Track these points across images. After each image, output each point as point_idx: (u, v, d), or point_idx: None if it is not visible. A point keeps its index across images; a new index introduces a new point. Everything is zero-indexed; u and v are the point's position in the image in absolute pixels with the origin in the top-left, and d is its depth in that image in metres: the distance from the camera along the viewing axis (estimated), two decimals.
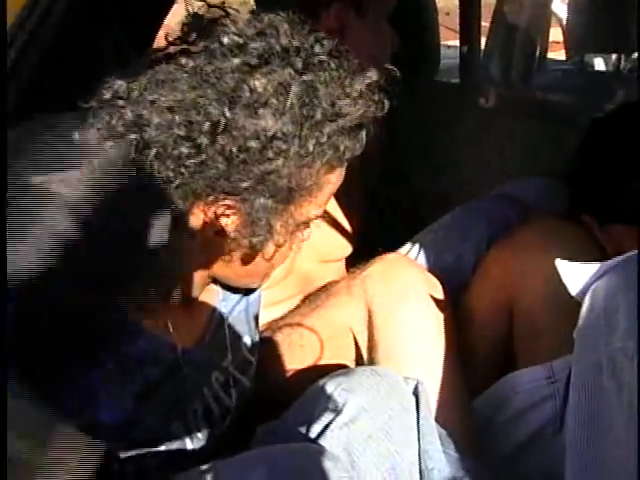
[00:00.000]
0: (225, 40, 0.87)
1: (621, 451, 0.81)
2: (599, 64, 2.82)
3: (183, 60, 0.87)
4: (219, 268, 0.99)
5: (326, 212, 1.39)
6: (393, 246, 1.41)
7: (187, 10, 0.95)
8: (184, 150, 0.85)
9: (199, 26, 0.91)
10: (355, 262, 1.33)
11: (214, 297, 1.08)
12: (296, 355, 1.22)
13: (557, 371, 1.14)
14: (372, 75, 0.92)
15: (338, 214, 1.43)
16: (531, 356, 1.22)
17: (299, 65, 0.87)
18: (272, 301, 1.27)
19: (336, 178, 0.96)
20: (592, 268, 0.93)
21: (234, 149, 0.85)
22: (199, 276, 1.01)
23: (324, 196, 0.96)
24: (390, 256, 1.27)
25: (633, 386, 0.79)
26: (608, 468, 0.83)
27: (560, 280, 0.98)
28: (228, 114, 0.84)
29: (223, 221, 0.91)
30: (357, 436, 0.99)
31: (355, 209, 1.46)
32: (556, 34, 3.02)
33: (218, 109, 0.85)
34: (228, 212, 0.90)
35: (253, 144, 0.85)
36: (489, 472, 1.11)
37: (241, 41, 0.87)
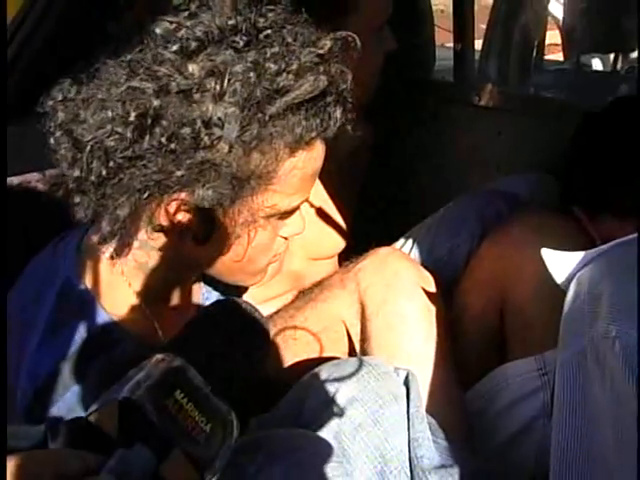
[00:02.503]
0: (157, 30, 0.84)
1: (605, 434, 0.82)
2: (596, 64, 2.83)
3: (125, 57, 0.84)
4: (208, 265, 0.97)
5: (316, 209, 1.40)
6: (386, 240, 1.41)
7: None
8: (112, 144, 0.82)
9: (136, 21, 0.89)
10: (348, 256, 1.33)
11: (198, 296, 1.08)
12: (290, 347, 1.23)
13: (548, 362, 1.15)
14: (325, 45, 0.86)
15: (328, 211, 1.43)
16: (523, 348, 1.24)
17: (240, 44, 0.83)
18: (264, 298, 1.28)
19: (304, 162, 0.90)
20: (577, 256, 0.93)
21: (163, 139, 0.82)
22: (182, 279, 1.02)
23: (294, 182, 0.91)
24: (383, 250, 1.27)
25: (615, 370, 0.80)
26: (591, 450, 0.84)
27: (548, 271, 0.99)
28: (156, 103, 0.81)
29: (180, 217, 0.88)
30: (347, 425, 1.00)
31: (345, 206, 1.46)
32: (554, 36, 3.03)
33: (146, 99, 0.81)
34: (182, 207, 0.87)
35: (185, 131, 0.81)
36: (480, 461, 1.11)
37: (172, 27, 0.84)
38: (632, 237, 0.92)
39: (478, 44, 2.15)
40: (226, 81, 0.81)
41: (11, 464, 0.54)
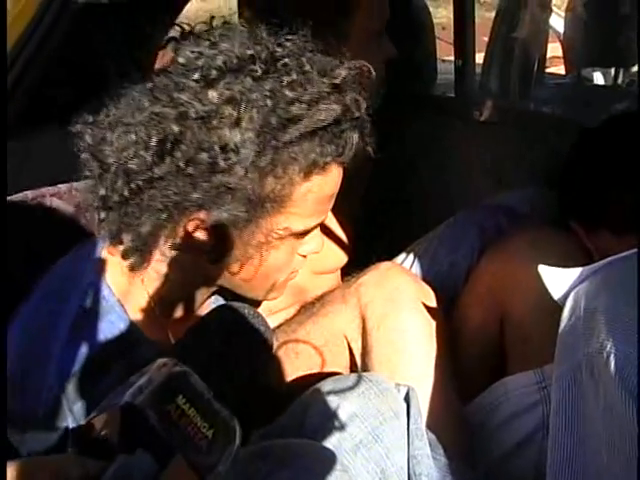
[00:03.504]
0: (180, 59, 0.88)
1: (598, 450, 0.83)
2: (598, 78, 2.84)
3: (148, 83, 0.89)
4: (225, 280, 1.00)
5: (319, 225, 1.41)
6: (387, 255, 1.43)
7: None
8: (133, 166, 0.86)
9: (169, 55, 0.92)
10: (350, 271, 1.34)
11: (208, 304, 1.10)
12: (292, 362, 1.23)
13: (547, 376, 1.15)
14: (339, 75, 0.90)
15: (331, 226, 1.44)
16: (522, 362, 1.24)
17: (258, 73, 0.86)
18: (267, 311, 1.29)
19: (318, 186, 0.93)
20: (574, 273, 0.95)
21: (181, 163, 0.85)
22: (199, 291, 1.03)
23: (309, 205, 0.94)
24: (384, 265, 1.28)
25: (609, 386, 0.81)
26: (586, 467, 0.85)
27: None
28: (176, 129, 0.85)
29: (198, 235, 0.92)
30: (349, 441, 1.01)
31: (347, 220, 1.47)
32: (556, 49, 3.05)
33: (166, 124, 0.85)
34: (201, 226, 0.91)
35: (203, 156, 0.85)
36: (479, 476, 1.12)
37: (194, 56, 0.88)
38: (627, 253, 0.93)
39: (479, 57, 2.17)
40: (243, 108, 0.85)
41: (11, 470, 0.55)
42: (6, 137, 0.97)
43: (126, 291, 0.99)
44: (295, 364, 1.24)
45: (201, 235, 0.92)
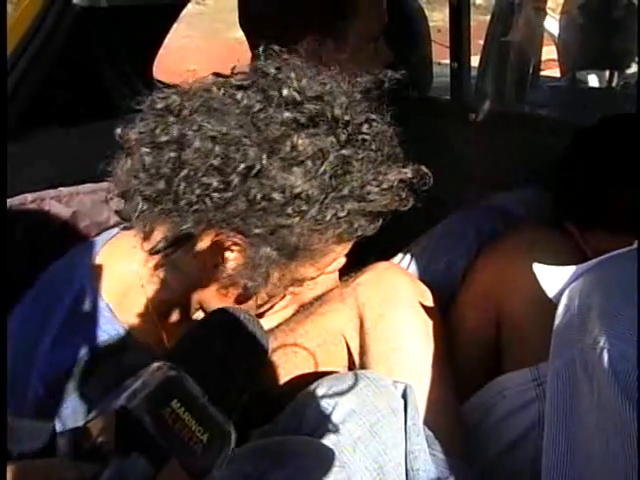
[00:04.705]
0: (285, 92, 0.90)
1: (592, 445, 0.84)
2: (592, 80, 2.85)
3: (239, 95, 0.90)
4: (213, 300, 1.02)
5: None
6: (384, 255, 1.44)
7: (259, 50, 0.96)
8: (214, 182, 0.87)
9: (265, 69, 0.93)
10: (347, 271, 1.36)
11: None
12: (291, 360, 1.25)
13: (543, 373, 1.16)
14: (407, 172, 0.94)
15: None
16: (518, 360, 1.25)
17: (343, 137, 0.90)
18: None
19: (341, 249, 0.99)
20: (568, 271, 0.96)
21: (259, 196, 0.87)
22: (194, 301, 1.05)
23: (325, 262, 1.00)
24: (381, 264, 1.29)
25: (602, 381, 0.82)
26: (581, 462, 0.86)
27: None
28: (265, 162, 0.87)
29: (226, 254, 0.94)
30: (347, 437, 1.02)
31: None
32: (551, 52, 3.06)
33: (257, 154, 0.87)
34: (234, 248, 0.93)
35: (277, 196, 0.87)
36: (475, 473, 1.13)
37: (299, 98, 0.89)
38: (621, 251, 0.94)
39: (475, 60, 2.18)
40: (323, 166, 0.88)
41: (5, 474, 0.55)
42: (6, 138, 0.98)
43: (123, 295, 1.00)
44: (294, 362, 1.25)
45: (229, 255, 0.94)
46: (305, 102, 0.89)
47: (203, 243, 0.94)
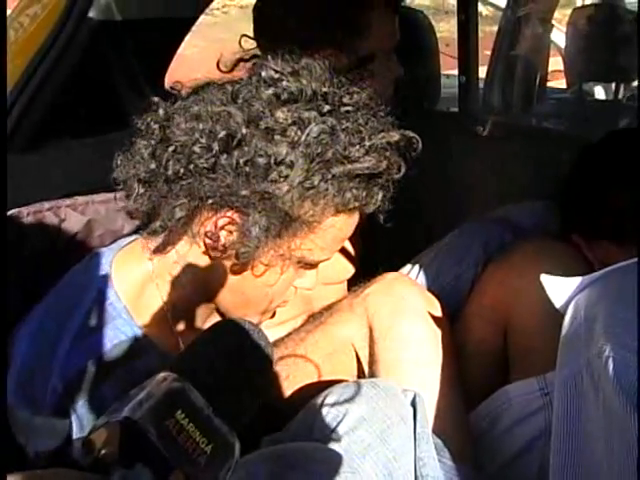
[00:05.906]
0: (263, 73, 0.96)
1: (599, 454, 0.86)
2: (599, 92, 2.87)
3: (227, 86, 0.97)
4: (217, 295, 1.04)
5: None
6: (393, 267, 1.46)
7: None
8: (197, 149, 0.93)
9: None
10: (357, 282, 1.37)
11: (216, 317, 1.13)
12: (301, 369, 1.26)
13: (549, 383, 1.17)
14: (393, 136, 0.97)
15: None
16: (525, 370, 1.27)
17: (324, 109, 0.94)
18: (276, 321, 1.32)
19: (341, 224, 1.00)
20: (575, 281, 0.98)
21: (241, 161, 0.92)
22: (203, 303, 1.07)
23: (327, 239, 1.00)
24: (390, 275, 1.31)
25: (608, 390, 0.83)
26: (588, 471, 0.87)
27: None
28: (245, 131, 0.92)
29: (222, 234, 0.97)
30: (357, 444, 1.03)
31: (354, 232, 1.50)
32: (557, 63, 3.07)
33: (239, 125, 0.92)
34: (228, 227, 0.96)
35: (260, 161, 0.92)
36: None
37: (276, 76, 0.96)
38: (626, 263, 0.96)
39: (482, 70, 2.19)
40: (304, 135, 0.92)
41: None
42: (6, 141, 1.00)
43: (138, 297, 1.03)
44: (304, 371, 1.26)
45: (227, 234, 0.97)
46: (283, 79, 0.95)
47: (199, 227, 0.97)
